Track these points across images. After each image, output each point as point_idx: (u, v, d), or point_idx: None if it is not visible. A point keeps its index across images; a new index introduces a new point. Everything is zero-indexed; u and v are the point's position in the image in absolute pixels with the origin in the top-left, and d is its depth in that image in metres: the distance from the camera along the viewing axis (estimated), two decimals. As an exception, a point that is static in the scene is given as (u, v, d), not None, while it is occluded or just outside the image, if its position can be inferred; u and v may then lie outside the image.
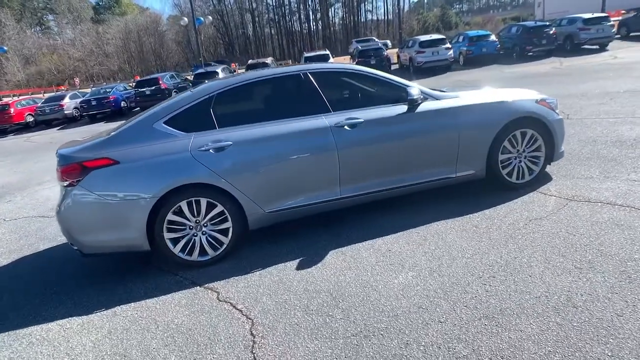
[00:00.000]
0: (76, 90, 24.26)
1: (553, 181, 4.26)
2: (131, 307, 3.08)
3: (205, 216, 3.44)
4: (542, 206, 3.73)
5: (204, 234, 3.49)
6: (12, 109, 20.42)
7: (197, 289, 3.20)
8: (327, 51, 20.38)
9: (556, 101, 4.31)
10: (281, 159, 3.53)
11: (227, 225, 3.50)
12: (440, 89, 4.18)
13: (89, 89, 32.47)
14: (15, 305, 3.38)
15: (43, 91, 42.83)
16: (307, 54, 21.28)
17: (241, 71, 24.68)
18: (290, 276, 3.17)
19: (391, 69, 20.90)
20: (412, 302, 2.62)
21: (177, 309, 2.95)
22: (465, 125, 3.86)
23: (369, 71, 3.98)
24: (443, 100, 3.93)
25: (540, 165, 4.17)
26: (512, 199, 3.96)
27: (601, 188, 3.91)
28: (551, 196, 3.90)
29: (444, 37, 20.70)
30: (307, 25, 73.01)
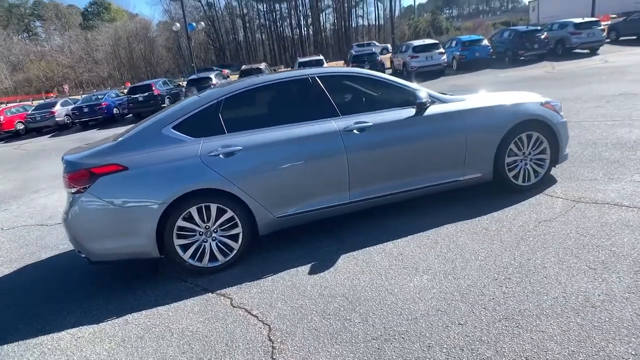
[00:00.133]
0: (67, 97, 23.99)
1: (558, 183, 4.29)
2: (143, 315, 3.04)
3: (215, 222, 3.42)
4: (550, 208, 3.75)
5: (214, 239, 3.46)
6: (2, 116, 20.11)
7: (209, 295, 3.17)
8: (320, 56, 20.46)
9: (560, 104, 4.36)
10: (291, 163, 3.51)
11: (237, 230, 3.48)
12: (446, 93, 4.21)
13: (79, 96, 32.22)
14: (23, 315, 3.31)
15: (32, 98, 42.39)
16: (301, 59, 21.34)
17: (234, 77, 24.70)
18: (303, 281, 3.15)
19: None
20: (429, 305, 2.62)
21: (191, 316, 2.92)
22: (472, 128, 3.89)
23: (376, 75, 4.00)
24: (450, 104, 3.95)
25: (545, 168, 4.20)
26: (519, 201, 3.99)
27: (607, 190, 3.95)
28: (558, 198, 3.94)
29: (437, 42, 20.87)
30: (298, 31, 73.28)
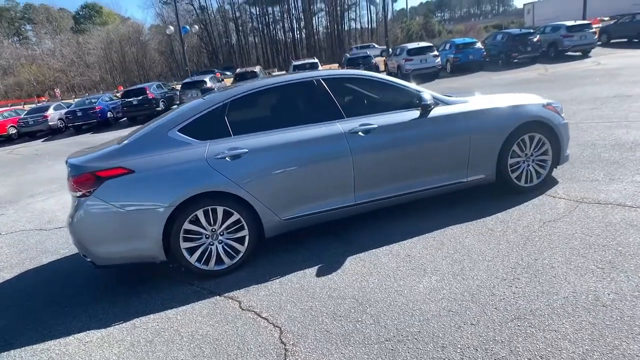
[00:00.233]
0: (60, 101, 23.79)
1: (560, 184, 4.33)
2: (150, 319, 3.02)
3: (221, 225, 3.40)
4: (554, 209, 3.79)
5: (220, 242, 3.45)
6: (-6, 120, 19.94)
7: (217, 298, 3.15)
8: (315, 59, 20.49)
9: (561, 105, 4.41)
10: (297, 165, 3.52)
11: (244, 233, 3.47)
12: (449, 95, 4.24)
13: (71, 99, 31.97)
14: (27, 320, 3.27)
15: (23, 102, 41.96)
16: (295, 62, 21.35)
17: (229, 81, 24.66)
18: (311, 283, 3.15)
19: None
20: (440, 305, 2.63)
21: (200, 319, 2.90)
22: (476, 130, 3.92)
23: (380, 77, 4.02)
24: (454, 105, 3.98)
25: (547, 169, 4.24)
26: (522, 202, 4.01)
27: (609, 190, 3.99)
28: (561, 199, 3.97)
29: (431, 44, 21.02)
30: (291, 34, 73.40)
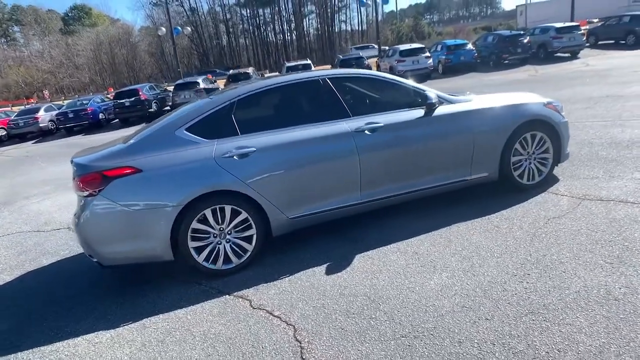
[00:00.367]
0: (51, 103, 23.50)
1: (561, 182, 4.38)
2: (160, 319, 2.99)
3: (229, 224, 3.39)
4: (557, 206, 3.83)
5: (227, 241, 3.43)
6: (-17, 123, 19.64)
7: (227, 297, 3.14)
8: (308, 61, 20.55)
9: (561, 104, 4.47)
10: (304, 164, 3.52)
11: (251, 232, 3.46)
12: (454, 94, 4.27)
13: (60, 101, 31.59)
14: (32, 322, 3.23)
15: (11, 105, 41.38)
16: (288, 63, 21.36)
17: (221, 82, 24.54)
18: (321, 281, 3.15)
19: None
20: (453, 301, 2.64)
21: (211, 319, 2.88)
22: (479, 128, 3.95)
23: (385, 76, 4.04)
24: (458, 104, 4.01)
25: (548, 167, 4.29)
26: (525, 199, 4.06)
27: (610, 187, 4.05)
28: (563, 196, 4.02)
29: (423, 46, 21.18)
30: (281, 36, 73.38)
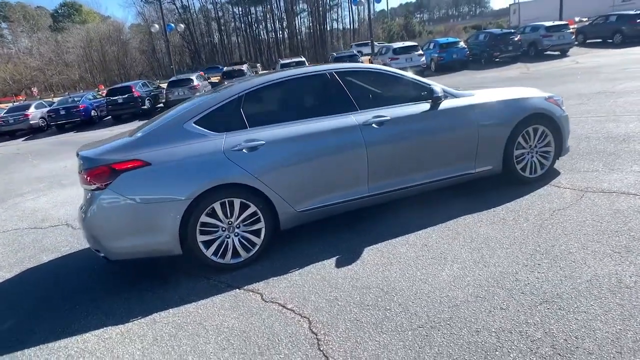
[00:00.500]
0: (42, 100, 23.15)
1: (562, 175, 4.43)
2: (170, 314, 2.96)
3: (238, 217, 3.37)
4: (560, 198, 3.87)
5: (236, 235, 3.41)
6: (-29, 120, 19.28)
7: (237, 291, 3.12)
8: (302, 58, 20.58)
9: (561, 98, 4.52)
10: (312, 157, 3.51)
11: (260, 225, 3.44)
12: (458, 88, 4.29)
13: (50, 98, 31.14)
14: (36, 319, 3.17)
15: (-2, 102, 40.72)
16: (282, 61, 21.34)
17: (215, 79, 24.41)
18: (332, 274, 3.14)
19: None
20: (467, 292, 2.66)
21: (223, 312, 2.86)
22: (484, 122, 3.98)
23: (391, 70, 4.05)
24: (462, 98, 4.04)
25: (550, 160, 4.34)
26: (529, 192, 4.09)
27: (610, 179, 4.11)
28: (565, 189, 4.07)
29: (416, 44, 21.28)
30: (273, 34, 73.14)
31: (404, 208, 4.10)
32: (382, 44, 27.49)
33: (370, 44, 27.85)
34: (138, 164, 3.13)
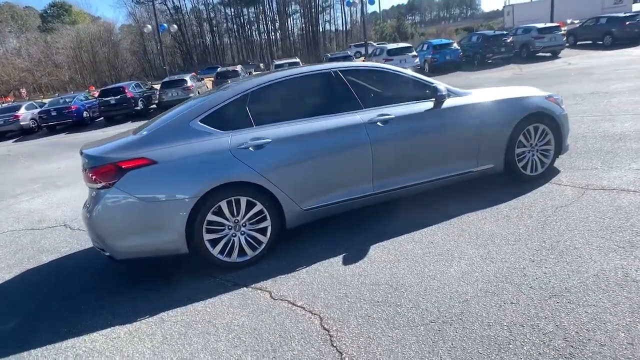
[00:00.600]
0: (32, 101, 22.86)
1: (562, 173, 4.49)
2: (178, 313, 2.95)
3: (244, 215, 3.36)
4: (562, 195, 3.92)
5: (242, 233, 3.40)
6: (-40, 121, 18.97)
7: (245, 289, 3.11)
8: (297, 59, 20.60)
9: (561, 97, 4.58)
10: (318, 155, 3.51)
11: (266, 224, 3.44)
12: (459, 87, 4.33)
13: (39, 99, 30.78)
14: (40, 319, 3.14)
15: (-14, 103, 40.13)
16: (277, 61, 21.34)
17: (209, 79, 24.30)
18: (340, 271, 3.15)
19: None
20: (476, 287, 2.68)
21: (232, 310, 2.86)
22: (486, 120, 4.02)
23: (395, 69, 4.07)
24: (464, 97, 4.07)
25: (550, 158, 4.39)
26: (530, 190, 4.14)
27: (610, 177, 4.17)
28: (566, 186, 4.12)
29: (410, 45, 21.41)
30: (266, 35, 73.09)
31: (407, 206, 4.11)
32: (382, 45, 27.58)
33: (365, 45, 27.99)
34: (144, 162, 3.11)
